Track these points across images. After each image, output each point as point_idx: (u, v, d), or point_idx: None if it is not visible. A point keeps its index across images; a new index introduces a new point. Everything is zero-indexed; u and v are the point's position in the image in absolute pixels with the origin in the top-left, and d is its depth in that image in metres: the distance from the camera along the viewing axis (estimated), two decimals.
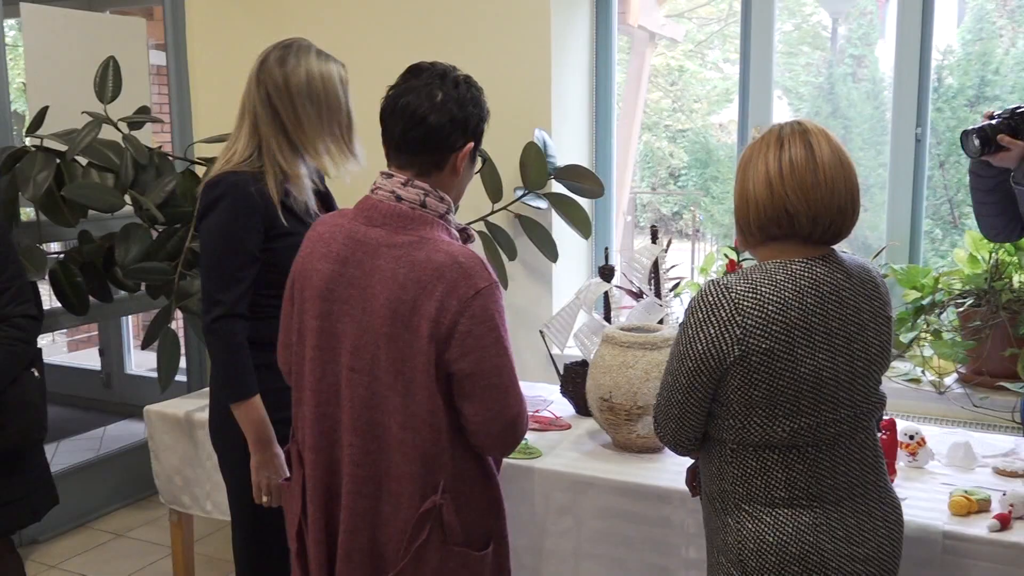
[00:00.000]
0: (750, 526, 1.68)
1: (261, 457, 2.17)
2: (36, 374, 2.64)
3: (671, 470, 2.32)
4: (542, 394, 2.97)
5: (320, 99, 2.20)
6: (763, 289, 1.64)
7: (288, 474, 2.11)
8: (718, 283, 1.67)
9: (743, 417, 1.67)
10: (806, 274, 1.66)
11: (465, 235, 1.84)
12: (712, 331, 1.64)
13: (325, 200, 2.40)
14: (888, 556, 1.74)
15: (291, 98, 2.18)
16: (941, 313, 2.98)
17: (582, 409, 2.76)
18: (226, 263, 2.14)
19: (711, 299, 1.66)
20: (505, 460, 2.38)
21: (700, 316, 1.67)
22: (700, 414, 1.72)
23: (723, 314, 1.64)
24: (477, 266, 1.70)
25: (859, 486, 1.72)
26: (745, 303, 1.63)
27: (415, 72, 1.77)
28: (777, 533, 1.67)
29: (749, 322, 1.62)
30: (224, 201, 2.14)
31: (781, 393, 1.64)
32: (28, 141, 3.38)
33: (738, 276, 1.67)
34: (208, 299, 2.16)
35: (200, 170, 3.30)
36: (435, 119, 1.71)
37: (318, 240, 1.81)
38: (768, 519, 1.67)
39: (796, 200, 1.64)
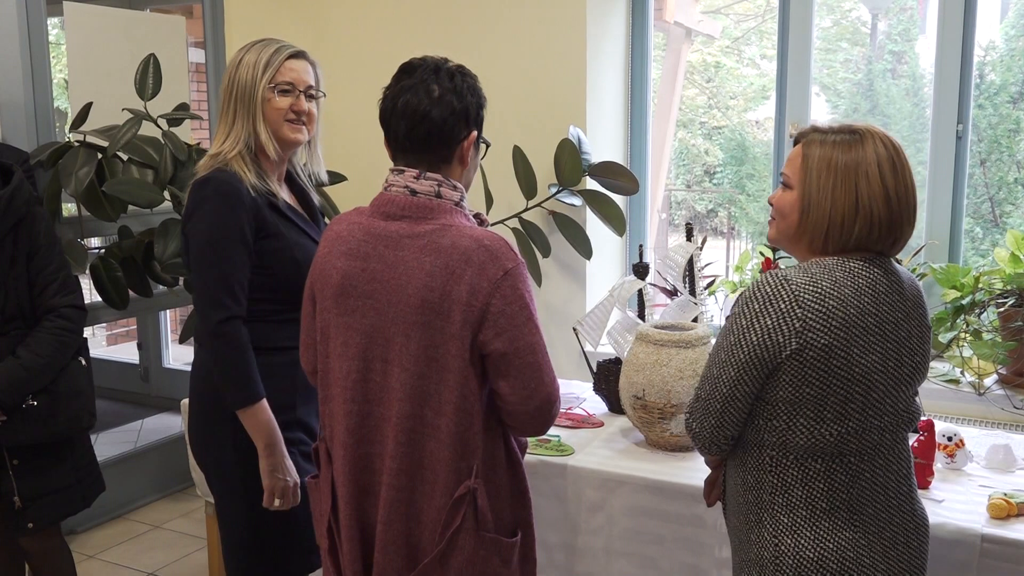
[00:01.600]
0: (789, 541, 1.64)
1: (272, 460, 2.10)
2: (83, 363, 2.69)
3: (704, 469, 2.30)
4: (575, 391, 2.97)
5: (232, 89, 2.16)
6: (823, 284, 1.60)
7: (296, 476, 2.13)
8: (776, 275, 1.62)
9: (788, 418, 1.63)
10: (864, 273, 1.63)
11: (479, 220, 1.85)
12: (768, 322, 1.59)
13: (304, 201, 2.32)
14: (917, 568, 1.72)
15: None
16: (981, 313, 2.93)
17: (615, 407, 2.76)
18: (225, 263, 2.05)
19: (768, 290, 1.61)
20: (538, 457, 2.39)
21: (756, 307, 1.61)
22: (742, 411, 1.68)
23: (782, 306, 1.59)
24: (503, 247, 1.71)
25: (894, 498, 1.69)
26: (805, 295, 1.59)
27: (407, 71, 1.77)
28: (817, 549, 1.63)
29: (809, 315, 1.58)
30: (214, 199, 2.06)
31: (832, 393, 1.60)
32: (71, 137, 3.44)
33: (796, 269, 1.63)
34: (209, 302, 2.05)
35: None
36: (437, 114, 1.72)
37: (336, 239, 1.81)
38: (808, 533, 1.63)
39: (906, 223, 1.66)
